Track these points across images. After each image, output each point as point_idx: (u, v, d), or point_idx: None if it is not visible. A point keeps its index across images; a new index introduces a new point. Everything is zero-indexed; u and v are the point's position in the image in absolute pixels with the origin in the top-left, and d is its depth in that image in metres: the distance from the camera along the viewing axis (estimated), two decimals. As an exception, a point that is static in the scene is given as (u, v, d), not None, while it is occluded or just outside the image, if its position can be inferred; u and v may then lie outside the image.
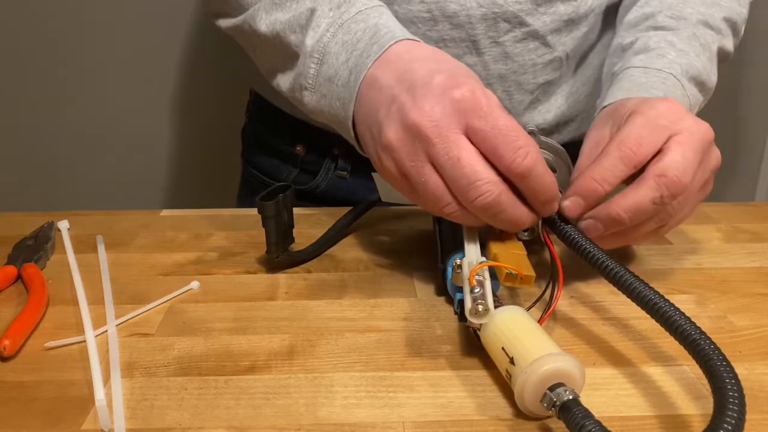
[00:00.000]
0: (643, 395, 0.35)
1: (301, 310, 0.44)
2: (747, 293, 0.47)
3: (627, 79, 0.54)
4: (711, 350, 0.31)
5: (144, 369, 0.37)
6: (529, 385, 0.31)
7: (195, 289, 0.47)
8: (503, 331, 0.35)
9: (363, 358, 0.38)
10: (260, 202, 0.46)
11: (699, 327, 0.33)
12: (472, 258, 0.40)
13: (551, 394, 0.31)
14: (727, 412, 0.28)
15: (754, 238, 0.56)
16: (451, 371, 0.37)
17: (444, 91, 0.39)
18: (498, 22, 0.60)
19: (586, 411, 0.29)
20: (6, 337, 0.38)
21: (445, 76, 0.40)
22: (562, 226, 0.42)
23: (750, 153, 1.24)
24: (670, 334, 0.34)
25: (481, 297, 0.37)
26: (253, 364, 0.38)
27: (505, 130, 0.38)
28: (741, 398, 0.29)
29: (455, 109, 0.39)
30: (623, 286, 0.37)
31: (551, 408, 0.31)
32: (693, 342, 0.32)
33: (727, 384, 0.29)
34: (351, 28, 0.47)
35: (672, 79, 0.54)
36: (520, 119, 0.66)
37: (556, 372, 0.31)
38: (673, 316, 0.34)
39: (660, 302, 0.35)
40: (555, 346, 0.33)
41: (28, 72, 1.13)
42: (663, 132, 0.43)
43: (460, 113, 0.39)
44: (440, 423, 0.33)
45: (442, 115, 0.39)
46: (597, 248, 0.39)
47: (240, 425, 0.33)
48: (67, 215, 0.60)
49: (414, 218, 0.60)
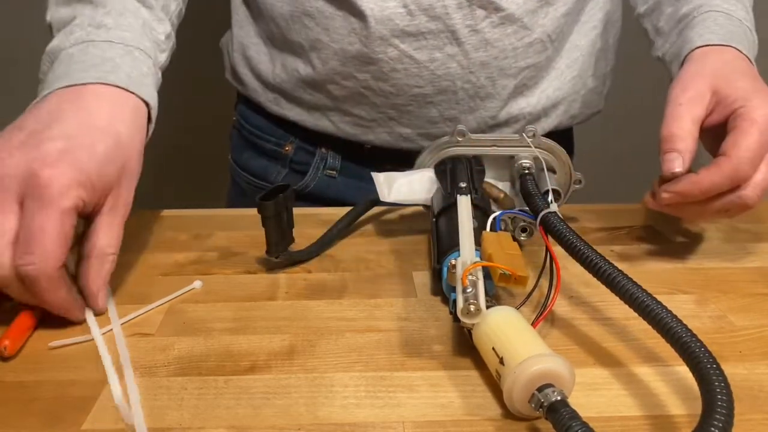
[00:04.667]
0: (642, 396, 0.35)
1: (301, 310, 0.44)
2: (747, 293, 0.47)
3: (713, 21, 0.56)
4: (701, 352, 0.31)
5: (144, 369, 0.37)
6: (517, 386, 0.31)
7: (198, 288, 0.47)
8: (494, 332, 0.35)
9: (363, 358, 0.38)
10: (260, 202, 0.46)
11: (689, 329, 0.33)
12: (467, 258, 0.40)
13: (539, 395, 0.31)
14: (714, 415, 0.28)
15: (754, 238, 0.56)
16: (451, 371, 0.37)
17: (35, 159, 0.39)
18: (474, 10, 0.60)
19: (574, 412, 0.29)
20: (6, 337, 0.38)
21: (58, 148, 0.40)
22: (557, 227, 0.42)
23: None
24: (661, 336, 0.34)
25: (473, 297, 0.37)
26: (253, 364, 0.38)
27: (38, 229, 0.38)
28: (729, 402, 0.29)
29: (25, 178, 0.39)
30: (615, 288, 0.37)
31: (539, 409, 0.31)
32: (683, 344, 0.32)
33: (716, 387, 0.29)
34: (88, 50, 0.48)
35: (750, 33, 0.56)
36: (507, 104, 0.66)
37: (545, 373, 0.31)
38: (664, 318, 0.34)
39: (651, 304, 0.35)
40: (545, 347, 0.33)
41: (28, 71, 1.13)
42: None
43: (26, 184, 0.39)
44: (440, 423, 0.33)
45: (12, 174, 0.39)
46: (591, 249, 0.39)
47: (240, 425, 0.33)
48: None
49: (414, 218, 0.60)
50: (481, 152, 0.54)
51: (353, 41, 0.62)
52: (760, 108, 0.47)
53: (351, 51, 0.62)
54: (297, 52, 0.66)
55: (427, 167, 0.55)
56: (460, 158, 0.54)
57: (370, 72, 0.63)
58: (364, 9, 0.60)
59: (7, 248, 0.38)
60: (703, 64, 0.52)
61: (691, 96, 0.49)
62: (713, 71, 0.51)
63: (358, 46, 0.62)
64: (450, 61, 0.62)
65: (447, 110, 0.65)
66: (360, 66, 0.63)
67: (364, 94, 0.65)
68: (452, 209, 0.47)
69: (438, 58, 0.62)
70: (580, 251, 0.40)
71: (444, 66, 0.62)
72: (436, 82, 0.63)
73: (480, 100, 0.65)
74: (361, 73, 0.64)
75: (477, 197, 0.48)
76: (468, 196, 0.48)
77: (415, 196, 0.54)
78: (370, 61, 0.62)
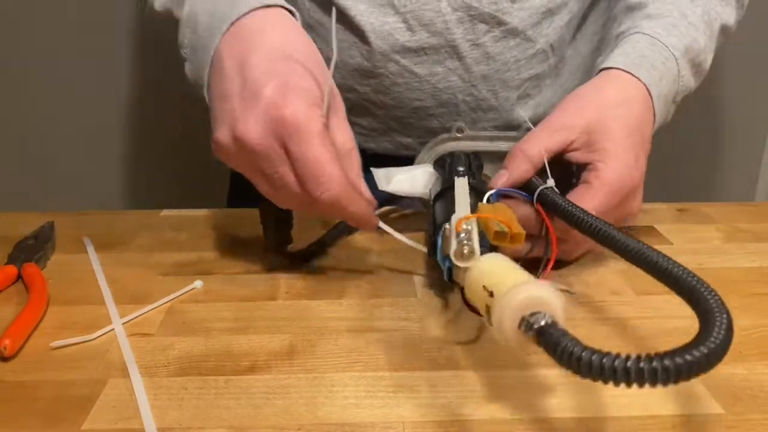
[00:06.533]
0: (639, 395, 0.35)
1: (301, 310, 0.44)
2: (747, 293, 0.47)
3: (632, 44, 0.54)
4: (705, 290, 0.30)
5: (144, 369, 0.37)
6: (506, 313, 0.29)
7: (198, 288, 0.47)
8: (485, 271, 0.33)
9: (363, 358, 0.38)
10: (260, 202, 0.46)
11: (695, 275, 0.32)
12: (462, 215, 0.39)
13: (530, 318, 0.29)
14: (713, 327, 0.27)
15: (754, 238, 0.56)
16: (450, 371, 0.37)
17: (267, 109, 0.40)
18: (475, 24, 0.60)
19: (565, 331, 0.27)
20: (6, 337, 0.38)
21: (274, 88, 0.41)
22: (554, 199, 0.43)
23: (750, 153, 1.24)
24: (669, 287, 0.33)
25: (467, 239, 0.35)
26: (253, 364, 0.38)
27: (313, 161, 0.40)
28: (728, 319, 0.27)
29: (274, 130, 0.40)
30: (617, 247, 0.37)
31: (528, 331, 0.28)
32: (691, 288, 0.31)
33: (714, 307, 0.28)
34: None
35: (672, 61, 0.53)
36: (510, 115, 0.65)
37: (533, 299, 0.29)
38: (669, 268, 0.33)
39: (657, 257, 0.34)
40: (534, 279, 0.32)
41: (28, 71, 1.13)
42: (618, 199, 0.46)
43: (278, 135, 0.40)
44: (440, 423, 0.33)
45: (263, 135, 0.40)
46: (589, 215, 0.40)
47: (240, 425, 0.33)
48: (66, 215, 0.60)
49: (414, 218, 0.60)
50: (480, 148, 0.54)
51: (354, 55, 0.62)
52: (617, 171, 0.46)
53: (352, 64, 0.62)
54: None
55: (427, 163, 0.55)
56: (459, 154, 0.54)
57: (371, 85, 0.63)
58: (364, 25, 0.60)
59: (301, 193, 0.41)
60: (593, 98, 0.51)
61: (560, 126, 0.48)
62: (597, 109, 0.49)
63: (359, 59, 0.62)
64: (451, 75, 0.62)
65: (448, 122, 0.64)
66: (361, 79, 0.63)
67: (365, 105, 0.65)
68: (449, 192, 0.46)
69: (439, 72, 0.62)
70: (578, 218, 0.40)
71: (445, 80, 0.62)
72: (437, 96, 0.63)
73: (482, 112, 0.65)
74: (362, 86, 0.64)
75: (474, 181, 0.48)
76: (465, 177, 0.47)
77: (415, 190, 0.53)
78: (371, 75, 0.62)
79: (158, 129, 1.17)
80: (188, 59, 0.49)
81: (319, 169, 0.40)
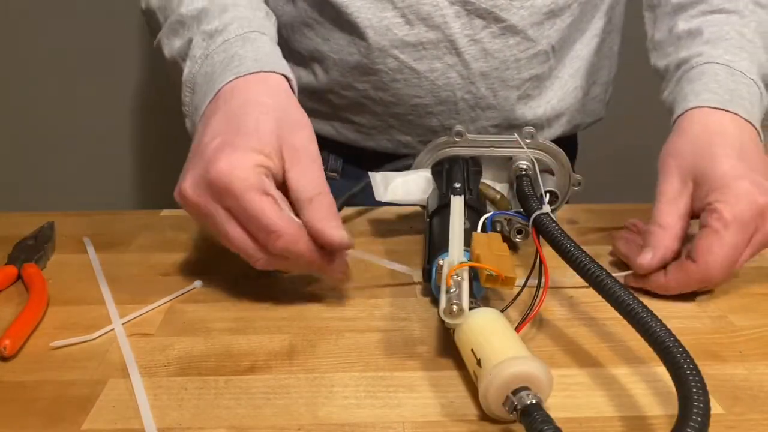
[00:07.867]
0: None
1: (301, 310, 0.44)
2: (747, 293, 0.47)
3: (713, 77, 0.51)
4: (681, 357, 0.31)
5: (144, 369, 0.37)
6: (492, 388, 0.31)
7: (198, 288, 0.47)
8: (474, 333, 0.35)
9: (363, 358, 0.38)
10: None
11: (672, 333, 0.33)
12: (455, 259, 0.40)
13: (513, 397, 0.30)
14: (690, 416, 0.28)
15: (754, 238, 0.56)
16: (450, 371, 0.37)
17: (205, 166, 0.41)
18: (472, 19, 0.60)
19: (547, 415, 0.29)
20: (6, 337, 0.38)
21: (214, 147, 0.41)
22: (548, 228, 0.42)
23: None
24: (645, 340, 0.34)
25: (456, 297, 0.36)
26: (253, 364, 0.38)
27: (252, 213, 0.40)
28: (706, 404, 0.29)
29: (208, 187, 0.41)
30: (602, 290, 0.37)
31: (512, 412, 0.30)
32: (665, 348, 0.32)
33: (693, 388, 0.29)
34: (213, 59, 0.48)
35: (754, 86, 0.52)
36: (509, 114, 0.66)
37: (521, 375, 0.31)
38: (648, 322, 0.34)
39: (637, 307, 0.35)
40: (524, 350, 0.33)
41: (28, 71, 1.13)
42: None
43: (213, 192, 0.41)
44: (440, 423, 0.33)
45: (196, 192, 0.41)
46: (580, 251, 0.40)
47: (240, 425, 0.33)
48: (66, 215, 0.60)
49: (414, 218, 0.60)
50: (479, 153, 0.54)
51: (353, 52, 0.62)
52: (735, 204, 0.43)
53: (351, 62, 0.62)
54: (300, 62, 0.67)
55: (425, 167, 0.55)
56: (458, 159, 0.54)
57: (371, 82, 0.63)
58: (361, 21, 0.60)
59: (252, 246, 0.41)
60: (687, 138, 0.49)
61: (671, 191, 0.47)
62: (694, 151, 0.47)
63: (357, 57, 0.62)
64: (450, 71, 0.62)
65: (447, 120, 0.65)
66: (360, 76, 0.63)
67: (364, 103, 0.65)
68: (446, 210, 0.47)
69: (438, 68, 0.62)
70: (569, 252, 0.40)
71: (444, 76, 0.62)
72: (436, 93, 0.63)
73: (481, 110, 0.65)
74: (361, 84, 0.64)
75: (471, 198, 0.48)
76: (461, 196, 0.48)
77: (411, 197, 0.54)
78: (370, 72, 0.62)
79: (158, 129, 1.17)
80: (188, 117, 0.50)
81: (262, 220, 0.40)
